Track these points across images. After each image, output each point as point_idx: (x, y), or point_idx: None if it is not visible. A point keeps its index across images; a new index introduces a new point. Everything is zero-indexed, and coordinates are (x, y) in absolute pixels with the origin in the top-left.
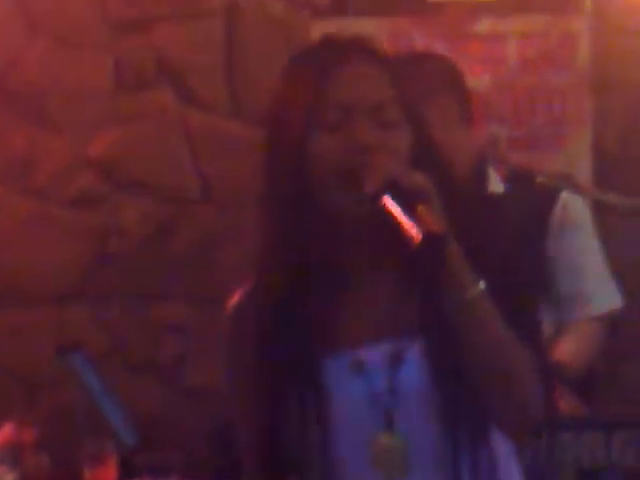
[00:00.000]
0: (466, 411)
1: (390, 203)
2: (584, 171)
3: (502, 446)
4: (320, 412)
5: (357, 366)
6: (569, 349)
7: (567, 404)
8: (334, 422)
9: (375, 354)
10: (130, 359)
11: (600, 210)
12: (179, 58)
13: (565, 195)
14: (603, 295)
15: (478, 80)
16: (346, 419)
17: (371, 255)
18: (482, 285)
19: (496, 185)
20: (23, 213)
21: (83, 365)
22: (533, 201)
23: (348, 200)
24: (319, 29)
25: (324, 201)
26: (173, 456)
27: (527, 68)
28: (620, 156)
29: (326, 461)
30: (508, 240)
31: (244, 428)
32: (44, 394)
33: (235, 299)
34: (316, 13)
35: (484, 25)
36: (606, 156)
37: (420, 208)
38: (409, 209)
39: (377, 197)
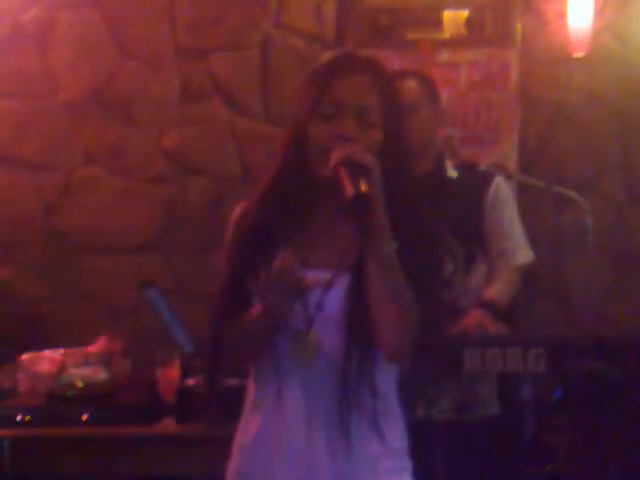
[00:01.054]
0: (363, 330)
1: (342, 171)
2: (512, 162)
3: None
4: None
5: None
6: (497, 289)
7: (495, 327)
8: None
9: (316, 276)
10: (190, 294)
11: (523, 189)
12: (228, 78)
13: (497, 179)
14: (521, 251)
15: None
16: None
17: (329, 208)
18: (394, 245)
19: (451, 172)
20: (115, 187)
21: (157, 297)
22: (475, 183)
23: (322, 169)
24: (327, 57)
25: (310, 167)
26: None
27: (474, 88)
28: (538, 152)
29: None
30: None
31: (221, 280)
32: (128, 317)
33: (238, 208)
34: (325, 46)
35: (443, 56)
36: (528, 152)
37: (360, 178)
38: (353, 177)
39: (335, 166)
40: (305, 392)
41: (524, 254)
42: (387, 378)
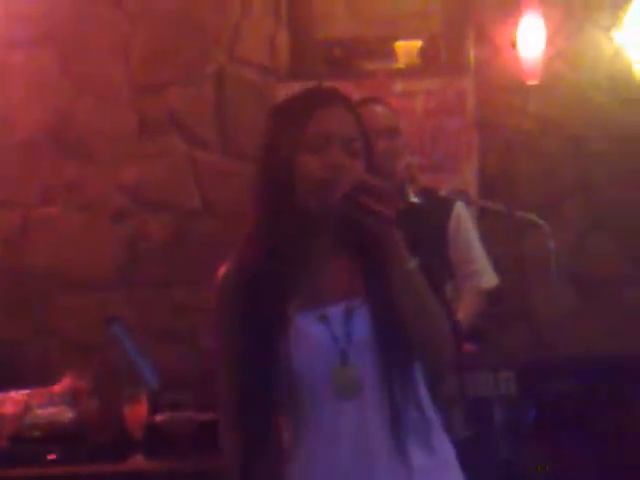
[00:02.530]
0: (398, 350)
1: (362, 198)
2: (473, 188)
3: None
4: (289, 353)
5: (322, 318)
6: (464, 312)
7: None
8: (303, 358)
9: (335, 310)
10: (154, 328)
11: (484, 215)
12: (184, 111)
13: (458, 204)
14: (487, 275)
15: None
16: (313, 355)
17: (331, 241)
18: (415, 261)
19: (412, 198)
20: (75, 225)
21: (122, 332)
22: (437, 209)
23: (321, 202)
24: (281, 89)
25: (304, 203)
26: (187, 396)
27: (430, 116)
28: (497, 177)
29: (294, 389)
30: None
31: (225, 371)
32: (93, 354)
33: (222, 271)
34: (279, 78)
35: (399, 86)
36: (487, 178)
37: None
38: (377, 200)
39: (349, 195)
40: (356, 424)
41: (489, 278)
42: (423, 389)
